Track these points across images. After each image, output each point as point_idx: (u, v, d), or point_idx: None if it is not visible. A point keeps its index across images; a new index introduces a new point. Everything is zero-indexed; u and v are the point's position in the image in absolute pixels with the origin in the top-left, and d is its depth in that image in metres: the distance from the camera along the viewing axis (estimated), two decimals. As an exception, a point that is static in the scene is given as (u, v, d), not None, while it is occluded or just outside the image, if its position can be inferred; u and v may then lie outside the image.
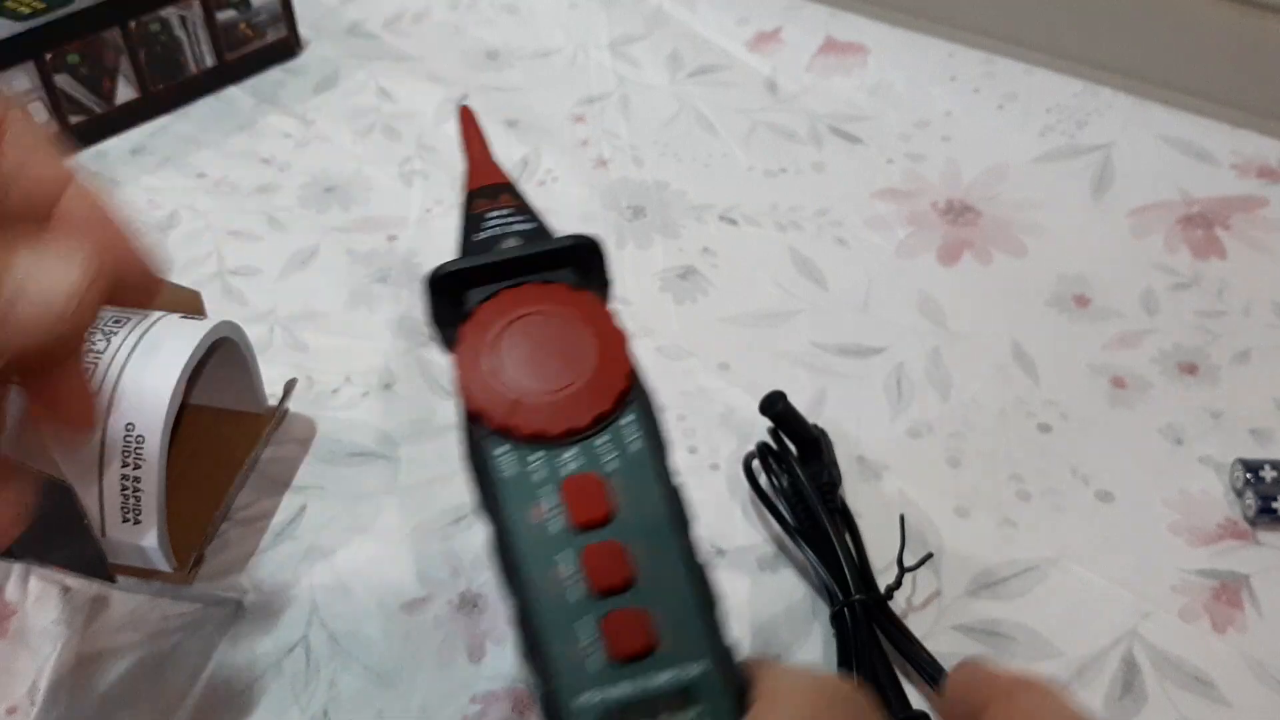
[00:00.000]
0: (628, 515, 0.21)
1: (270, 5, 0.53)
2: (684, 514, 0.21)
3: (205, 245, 0.44)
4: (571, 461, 0.21)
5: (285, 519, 0.34)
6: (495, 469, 0.21)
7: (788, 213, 0.46)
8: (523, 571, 0.20)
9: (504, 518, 0.21)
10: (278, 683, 0.30)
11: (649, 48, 0.55)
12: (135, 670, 0.30)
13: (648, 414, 0.22)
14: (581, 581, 0.20)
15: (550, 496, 0.21)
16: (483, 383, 0.22)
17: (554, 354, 0.22)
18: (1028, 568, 0.32)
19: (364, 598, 0.31)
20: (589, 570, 0.20)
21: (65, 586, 0.32)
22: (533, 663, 0.20)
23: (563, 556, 0.20)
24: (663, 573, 0.20)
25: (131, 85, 0.49)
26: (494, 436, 0.21)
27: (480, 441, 0.21)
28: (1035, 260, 0.43)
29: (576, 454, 0.21)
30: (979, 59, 0.53)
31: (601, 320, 0.23)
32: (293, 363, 0.39)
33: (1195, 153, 0.47)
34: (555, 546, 0.20)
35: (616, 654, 0.19)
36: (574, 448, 0.21)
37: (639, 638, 0.19)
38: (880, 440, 0.36)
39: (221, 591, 0.32)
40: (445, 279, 0.24)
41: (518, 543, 0.20)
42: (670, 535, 0.21)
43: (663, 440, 0.22)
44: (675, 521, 0.21)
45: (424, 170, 0.48)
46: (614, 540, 0.20)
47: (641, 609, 0.20)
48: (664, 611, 0.20)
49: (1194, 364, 0.38)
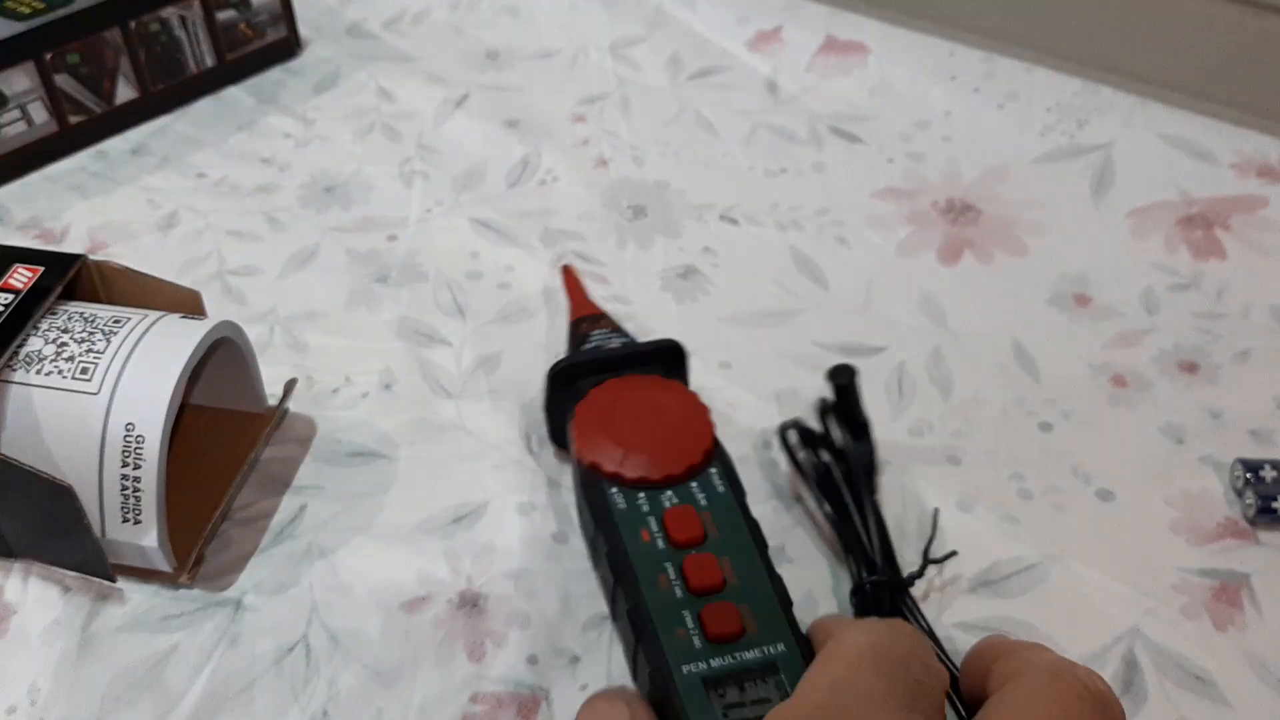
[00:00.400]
0: (716, 537, 0.28)
1: (270, 5, 0.53)
2: (761, 537, 0.28)
3: (205, 245, 0.44)
4: (670, 499, 0.29)
5: (285, 519, 0.34)
6: (611, 503, 0.29)
7: (788, 212, 0.46)
8: (637, 578, 0.27)
9: (620, 538, 0.28)
10: (278, 682, 0.29)
11: (649, 50, 0.55)
12: (135, 670, 0.30)
13: (727, 467, 0.30)
14: (683, 584, 0.27)
15: (655, 524, 0.28)
16: (597, 442, 0.30)
17: (652, 422, 0.30)
18: (1029, 565, 0.32)
19: (364, 597, 0.31)
20: (689, 575, 0.27)
21: (65, 586, 0.32)
22: (645, 648, 0.26)
23: (668, 567, 0.27)
24: (746, 578, 0.27)
25: (131, 85, 0.49)
26: (606, 480, 0.29)
27: (596, 484, 0.29)
28: (1036, 259, 0.43)
29: (672, 495, 0.29)
30: (979, 58, 0.53)
31: (688, 399, 0.31)
32: (293, 363, 0.39)
33: (1195, 151, 0.47)
34: (661, 560, 0.27)
35: (713, 635, 0.25)
36: (671, 490, 0.29)
37: (730, 624, 0.25)
38: (882, 438, 0.36)
39: (221, 591, 0.32)
40: (564, 371, 0.32)
41: (631, 557, 0.27)
42: (751, 551, 0.28)
43: (740, 485, 0.29)
44: (755, 542, 0.28)
45: (424, 171, 0.48)
46: (708, 553, 0.27)
47: (731, 603, 0.26)
48: (750, 606, 0.26)
49: (1194, 363, 0.38)
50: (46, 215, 0.45)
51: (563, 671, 0.30)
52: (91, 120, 0.49)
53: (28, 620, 0.31)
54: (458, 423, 0.37)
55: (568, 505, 0.34)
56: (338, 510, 0.34)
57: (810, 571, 0.32)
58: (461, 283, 0.42)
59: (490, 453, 0.36)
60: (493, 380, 0.38)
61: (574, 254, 0.43)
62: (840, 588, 0.32)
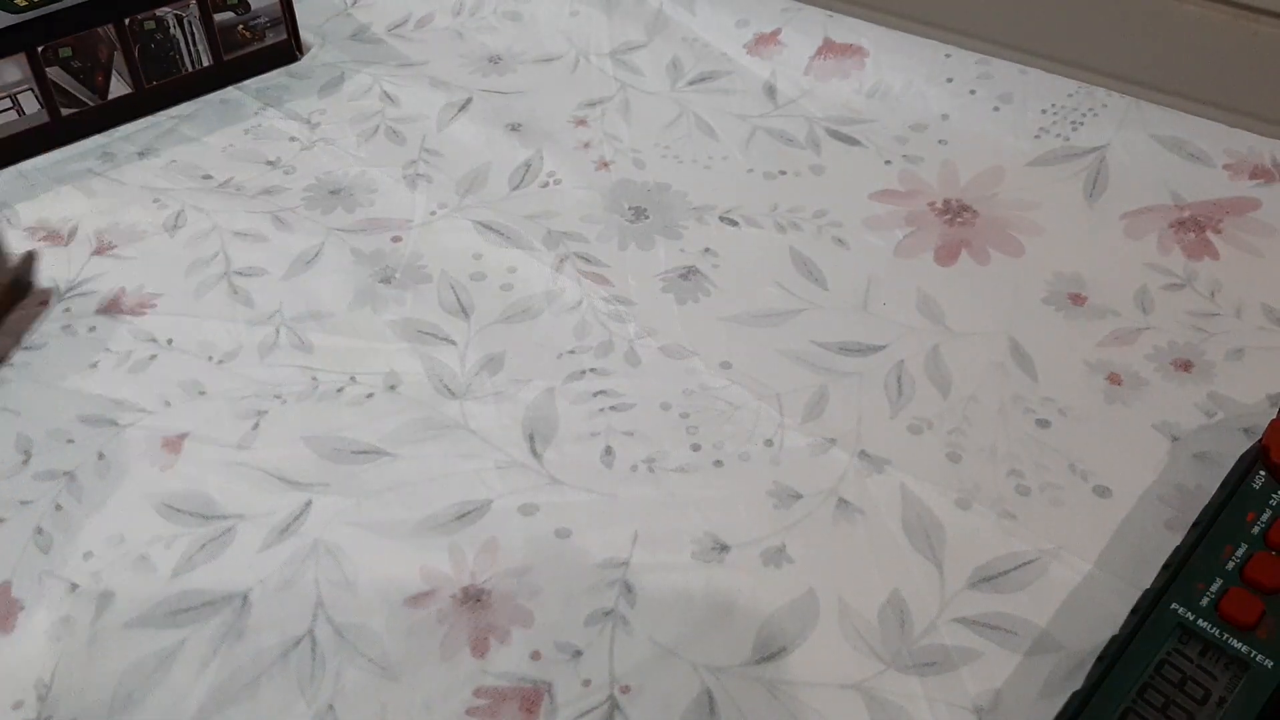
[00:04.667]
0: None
1: (270, 9, 0.53)
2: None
3: (212, 246, 0.44)
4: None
5: (290, 515, 0.34)
6: (1249, 479, 0.31)
7: (787, 214, 0.46)
8: (1209, 534, 0.30)
9: (1228, 500, 0.30)
10: (283, 676, 0.30)
11: (649, 56, 0.56)
12: (142, 666, 0.30)
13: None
14: (1242, 564, 0.29)
15: (1265, 515, 0.30)
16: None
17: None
18: (1027, 561, 0.33)
19: (368, 592, 0.32)
20: (1250, 563, 0.29)
21: (73, 584, 0.32)
22: (1170, 572, 0.29)
23: (1243, 546, 0.29)
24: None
25: (125, 81, 0.50)
26: (1264, 465, 0.31)
27: (1253, 464, 0.32)
28: (1032, 260, 0.44)
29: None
30: (975, 60, 0.53)
31: None
32: (298, 363, 0.39)
33: (1189, 153, 0.47)
34: (1243, 538, 0.29)
35: (1222, 611, 0.27)
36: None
37: (1245, 615, 0.27)
38: (881, 437, 0.36)
39: (228, 587, 0.32)
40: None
41: (1219, 518, 0.30)
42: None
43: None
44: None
45: (428, 174, 0.48)
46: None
47: (1260, 600, 0.28)
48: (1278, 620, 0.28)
49: (1189, 361, 0.39)
50: (53, 217, 0.46)
51: (565, 666, 0.30)
52: (84, 113, 0.49)
53: (35, 616, 0.31)
54: (461, 422, 0.37)
55: (569, 504, 0.34)
56: (342, 507, 0.34)
57: (811, 571, 0.32)
58: (465, 284, 0.43)
59: (493, 453, 0.36)
60: (496, 381, 0.39)
61: (576, 255, 0.44)
62: (843, 588, 0.32)
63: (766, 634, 0.31)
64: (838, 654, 0.30)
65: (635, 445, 0.36)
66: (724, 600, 0.32)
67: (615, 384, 0.38)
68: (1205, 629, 0.27)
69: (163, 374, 0.39)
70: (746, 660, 0.30)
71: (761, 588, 0.32)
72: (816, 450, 0.36)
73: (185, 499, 0.35)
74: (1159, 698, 0.26)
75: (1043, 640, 0.31)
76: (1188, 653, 0.27)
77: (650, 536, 0.33)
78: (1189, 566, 0.29)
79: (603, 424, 0.37)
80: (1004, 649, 0.30)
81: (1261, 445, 0.32)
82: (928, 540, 0.33)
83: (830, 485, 0.35)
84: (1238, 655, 0.27)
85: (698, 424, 0.37)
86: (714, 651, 0.30)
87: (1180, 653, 0.27)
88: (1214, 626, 0.27)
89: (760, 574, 0.32)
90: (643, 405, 0.38)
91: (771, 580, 0.32)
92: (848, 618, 0.31)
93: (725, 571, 0.32)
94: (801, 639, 0.31)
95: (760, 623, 0.31)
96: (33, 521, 0.34)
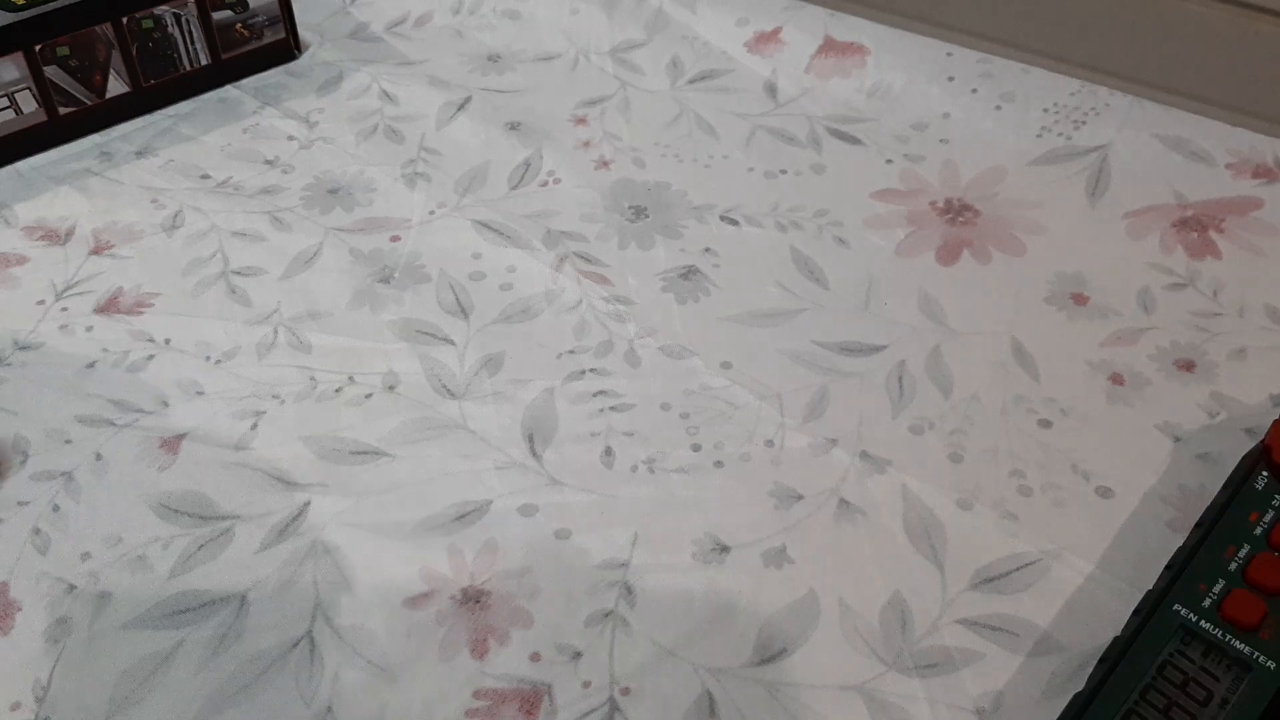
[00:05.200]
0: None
1: (268, 7, 0.53)
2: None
3: (210, 246, 0.44)
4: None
5: (289, 516, 0.34)
6: (1251, 479, 0.31)
7: (788, 213, 0.46)
8: (1212, 534, 0.29)
9: (1233, 498, 0.30)
10: (282, 677, 0.30)
11: (649, 54, 0.56)
12: (141, 667, 0.30)
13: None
14: (1244, 565, 0.28)
15: (1268, 516, 0.30)
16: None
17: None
18: (1029, 562, 0.32)
19: (367, 593, 0.32)
20: (1253, 563, 0.28)
21: (70, 584, 0.32)
22: (1172, 573, 0.29)
23: (1245, 547, 0.29)
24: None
25: (122, 79, 0.50)
26: (1267, 465, 0.31)
27: (1255, 465, 0.31)
28: (1034, 259, 0.43)
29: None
30: (976, 59, 0.53)
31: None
32: (297, 363, 0.39)
33: (1191, 152, 0.47)
34: (1246, 537, 0.29)
35: (1225, 612, 0.27)
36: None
37: (1247, 616, 0.27)
38: (882, 437, 0.36)
39: (226, 588, 0.32)
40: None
41: (1225, 516, 0.30)
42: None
43: None
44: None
45: (426, 173, 0.48)
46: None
47: (1262, 601, 0.27)
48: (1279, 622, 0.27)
49: (1191, 361, 0.39)
50: (51, 216, 0.46)
51: (565, 668, 0.30)
52: (82, 112, 0.49)
53: (33, 617, 0.31)
54: (460, 423, 0.37)
55: (569, 505, 0.34)
56: (341, 508, 0.34)
57: (812, 571, 0.32)
58: (464, 283, 0.43)
59: (493, 453, 0.36)
60: (495, 381, 0.38)
61: (576, 255, 0.44)
62: (843, 589, 0.32)
63: (767, 635, 0.31)
64: (839, 655, 0.30)
65: (635, 445, 0.36)
66: (724, 601, 0.31)
67: (615, 384, 0.38)
68: (1208, 630, 0.27)
69: (161, 374, 0.39)
70: (747, 661, 0.30)
71: (762, 589, 0.32)
72: (817, 451, 0.36)
73: (183, 499, 0.34)
74: (1161, 699, 0.26)
75: (1045, 641, 0.30)
76: (1190, 654, 0.27)
77: (650, 537, 0.33)
78: (1191, 567, 0.29)
79: (602, 424, 0.37)
80: (1006, 650, 0.30)
81: (1264, 445, 0.32)
82: (929, 541, 0.33)
83: (831, 486, 0.35)
84: (1240, 656, 0.27)
85: (698, 424, 0.37)
86: (714, 653, 0.30)
87: (1183, 654, 0.27)
88: (1216, 628, 0.27)
89: (761, 575, 0.32)
90: (643, 405, 0.37)
91: (772, 581, 0.32)
92: (849, 619, 0.31)
93: (725, 572, 0.32)
94: (802, 640, 0.31)
95: (761, 624, 0.31)
96: (30, 522, 0.34)
